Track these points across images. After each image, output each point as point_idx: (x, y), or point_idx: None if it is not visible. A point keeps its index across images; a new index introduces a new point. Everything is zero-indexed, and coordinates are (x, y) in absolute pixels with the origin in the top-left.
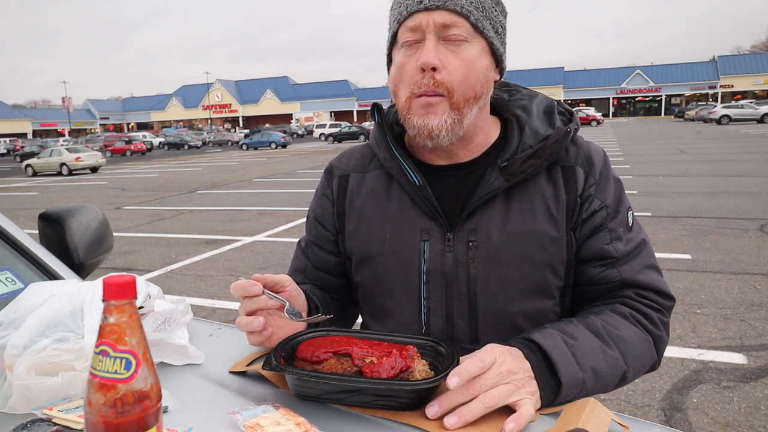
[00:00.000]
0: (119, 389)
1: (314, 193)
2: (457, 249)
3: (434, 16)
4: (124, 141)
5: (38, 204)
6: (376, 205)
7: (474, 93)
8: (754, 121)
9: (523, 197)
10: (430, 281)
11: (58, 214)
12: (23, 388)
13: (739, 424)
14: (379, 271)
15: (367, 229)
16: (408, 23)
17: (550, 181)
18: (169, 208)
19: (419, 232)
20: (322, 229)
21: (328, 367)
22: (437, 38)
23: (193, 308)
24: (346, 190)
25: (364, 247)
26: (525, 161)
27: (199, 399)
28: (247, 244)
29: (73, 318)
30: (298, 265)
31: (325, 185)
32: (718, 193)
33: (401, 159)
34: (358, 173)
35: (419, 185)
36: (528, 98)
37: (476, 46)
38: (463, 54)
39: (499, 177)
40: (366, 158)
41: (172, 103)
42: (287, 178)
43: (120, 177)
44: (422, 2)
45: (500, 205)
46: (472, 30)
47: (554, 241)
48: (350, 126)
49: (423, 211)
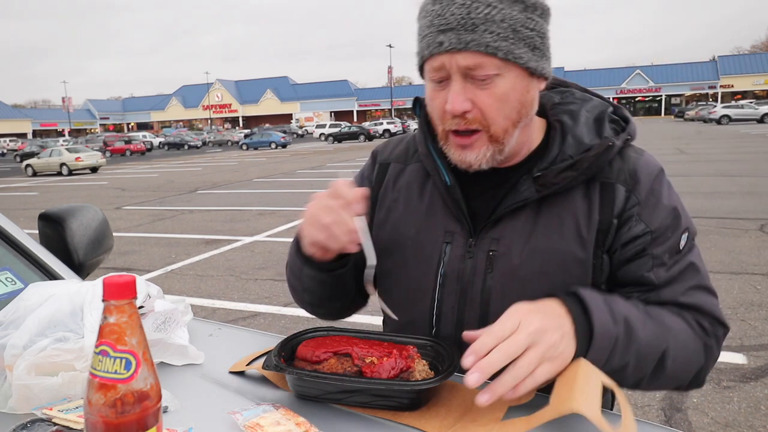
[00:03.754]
0: (119, 389)
1: (358, 173)
2: (477, 256)
3: (457, 59)
4: (123, 141)
5: (38, 204)
6: (407, 200)
7: (512, 122)
8: (754, 121)
9: (553, 211)
10: (445, 284)
11: (58, 214)
12: (23, 388)
13: (739, 424)
14: (398, 265)
15: (394, 221)
16: (431, 63)
17: (586, 197)
18: (169, 208)
19: (443, 233)
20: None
21: (328, 367)
22: (464, 78)
23: (193, 308)
24: (383, 179)
25: (388, 239)
26: (560, 173)
27: (199, 399)
28: (247, 244)
29: (73, 318)
30: None
31: (369, 168)
32: (718, 193)
33: (436, 157)
34: (399, 164)
35: (450, 185)
36: (579, 102)
37: (509, 77)
38: (495, 90)
39: (531, 186)
40: (410, 150)
41: (172, 103)
42: (287, 178)
43: (120, 177)
44: (442, 44)
45: (528, 217)
46: (502, 63)
47: (579, 263)
48: (350, 126)
49: (451, 212)
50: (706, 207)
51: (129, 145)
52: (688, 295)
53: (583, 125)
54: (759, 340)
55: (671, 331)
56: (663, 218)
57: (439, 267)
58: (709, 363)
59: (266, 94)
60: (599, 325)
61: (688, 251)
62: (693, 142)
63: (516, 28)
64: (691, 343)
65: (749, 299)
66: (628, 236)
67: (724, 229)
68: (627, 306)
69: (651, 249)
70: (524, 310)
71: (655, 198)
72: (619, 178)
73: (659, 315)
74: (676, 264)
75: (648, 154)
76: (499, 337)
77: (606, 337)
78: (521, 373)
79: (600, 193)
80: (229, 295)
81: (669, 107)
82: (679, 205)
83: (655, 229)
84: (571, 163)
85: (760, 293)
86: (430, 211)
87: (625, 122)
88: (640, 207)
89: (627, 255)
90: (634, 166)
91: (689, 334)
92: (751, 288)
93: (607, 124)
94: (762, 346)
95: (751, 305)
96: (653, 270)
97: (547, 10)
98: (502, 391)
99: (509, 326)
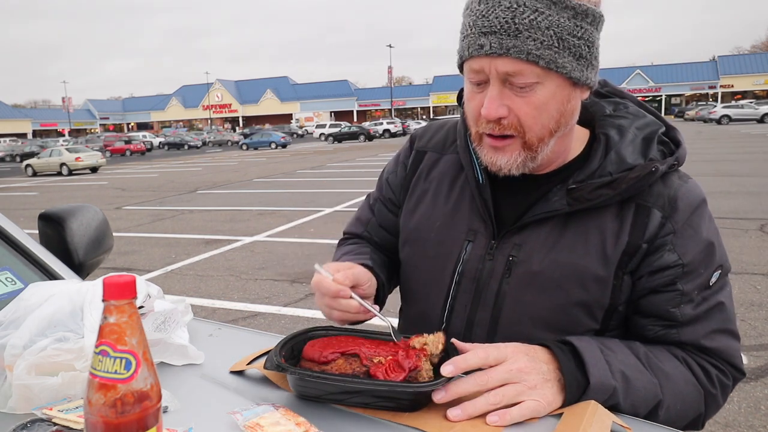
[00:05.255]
0: (119, 389)
1: (395, 155)
2: (497, 259)
3: (497, 64)
4: (123, 141)
5: (38, 204)
6: (437, 192)
7: (549, 131)
8: (754, 121)
9: (580, 226)
10: (461, 282)
11: (58, 214)
12: (23, 388)
13: (739, 424)
14: (418, 255)
15: (421, 211)
16: (471, 64)
17: (618, 217)
18: (169, 208)
19: (467, 231)
20: (390, 192)
21: (336, 368)
22: (502, 83)
23: (193, 308)
24: (418, 167)
25: (413, 228)
26: (596, 189)
27: (199, 399)
28: (247, 244)
29: (73, 318)
30: (362, 216)
31: (406, 153)
32: (718, 193)
33: (473, 153)
34: (436, 153)
35: (482, 183)
36: (631, 118)
37: (550, 86)
38: (533, 98)
39: (563, 198)
40: (449, 140)
41: (172, 103)
42: (287, 178)
43: (120, 177)
44: (483, 47)
45: (554, 228)
46: (543, 72)
47: (598, 281)
48: (350, 126)
49: (478, 210)
50: None
51: (129, 145)
52: (709, 339)
53: (629, 143)
54: (759, 340)
55: (669, 381)
56: (697, 252)
57: (457, 264)
58: (710, 411)
59: (266, 94)
60: (596, 381)
61: (719, 289)
62: (693, 142)
63: (562, 36)
64: (691, 393)
65: (749, 299)
66: (658, 265)
67: (724, 229)
68: (626, 356)
69: (680, 283)
70: (515, 347)
71: (692, 230)
72: (657, 202)
73: (659, 362)
74: (704, 302)
75: (693, 182)
76: (483, 358)
77: (602, 390)
78: (494, 401)
79: (634, 215)
80: (229, 295)
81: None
82: (716, 239)
83: (687, 263)
84: (609, 181)
85: (760, 293)
86: (457, 206)
87: (676, 146)
88: (675, 236)
89: (653, 284)
90: (676, 193)
91: (690, 383)
92: (751, 288)
93: (656, 145)
94: (762, 346)
95: (751, 305)
96: (680, 307)
97: (599, 18)
98: (473, 412)
99: (495, 355)
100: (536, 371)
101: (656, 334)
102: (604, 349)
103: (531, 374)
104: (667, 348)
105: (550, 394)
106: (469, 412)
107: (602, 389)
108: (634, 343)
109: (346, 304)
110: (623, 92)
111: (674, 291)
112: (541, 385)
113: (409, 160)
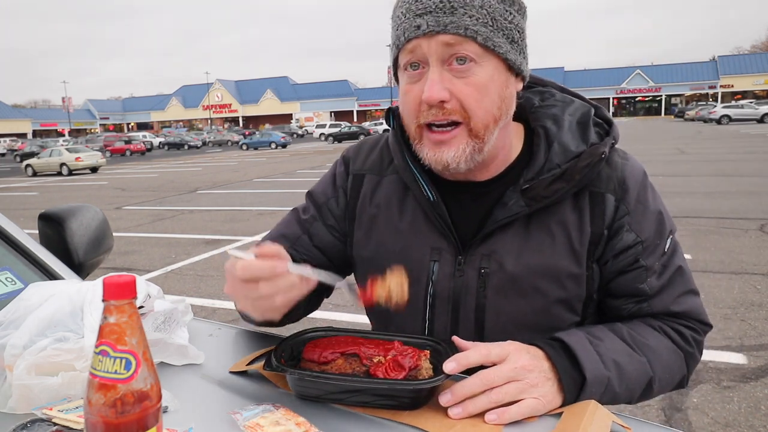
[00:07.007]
0: (119, 389)
1: (327, 177)
2: (468, 274)
3: (436, 41)
4: (123, 141)
5: (38, 204)
6: (387, 216)
7: (493, 117)
8: (754, 121)
9: (542, 226)
10: (436, 305)
11: (58, 214)
12: (23, 388)
13: (739, 424)
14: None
15: (376, 240)
16: (408, 47)
17: (575, 208)
18: (169, 208)
19: (430, 251)
20: (331, 219)
21: (336, 368)
22: (441, 64)
23: (193, 308)
24: (359, 192)
25: (371, 259)
26: (550, 184)
27: (199, 399)
28: (247, 244)
29: (73, 318)
30: (288, 231)
31: (342, 177)
32: (718, 193)
33: (416, 171)
34: (375, 175)
35: (434, 201)
36: (561, 105)
37: (488, 67)
38: (473, 79)
39: (519, 200)
40: (385, 160)
41: (172, 103)
42: (287, 178)
43: (120, 177)
44: (420, 27)
45: (518, 231)
46: (481, 51)
47: (573, 278)
48: (350, 126)
49: (436, 227)
50: (706, 207)
51: (129, 145)
52: (677, 303)
53: (567, 131)
54: (759, 340)
55: (655, 355)
56: (651, 225)
57: (428, 287)
58: (691, 369)
59: (266, 94)
60: (591, 376)
61: (672, 253)
62: (693, 142)
63: (495, 16)
64: (675, 360)
65: (749, 299)
66: (620, 247)
67: (724, 229)
68: (613, 342)
69: (643, 259)
70: (516, 345)
71: (642, 206)
72: (608, 187)
73: (643, 339)
74: (666, 270)
75: (632, 157)
76: (485, 355)
77: (597, 383)
78: (495, 398)
79: (590, 204)
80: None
81: (669, 107)
82: (662, 207)
83: (645, 239)
84: (560, 174)
85: (760, 293)
86: (413, 228)
87: (608, 124)
88: (630, 216)
89: (619, 266)
90: (623, 173)
91: (673, 351)
92: (751, 288)
93: (592, 128)
94: (762, 346)
95: (751, 305)
96: (646, 282)
97: (523, 8)
98: (473, 409)
99: (497, 352)
100: (538, 369)
101: (630, 311)
102: (592, 339)
103: (533, 372)
104: (643, 320)
105: (551, 393)
106: (470, 409)
107: (597, 382)
108: (615, 325)
109: (286, 282)
110: (543, 79)
111: (639, 268)
112: (542, 383)
113: (348, 185)
